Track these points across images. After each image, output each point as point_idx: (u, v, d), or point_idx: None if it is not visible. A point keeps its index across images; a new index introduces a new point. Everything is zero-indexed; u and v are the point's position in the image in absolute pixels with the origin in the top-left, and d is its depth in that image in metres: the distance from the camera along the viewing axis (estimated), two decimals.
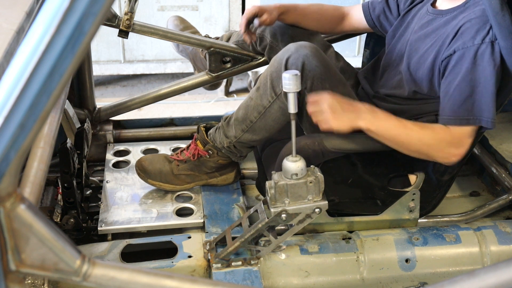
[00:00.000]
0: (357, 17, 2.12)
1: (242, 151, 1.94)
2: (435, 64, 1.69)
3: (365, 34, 2.40)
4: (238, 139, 1.88)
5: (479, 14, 1.64)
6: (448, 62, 1.64)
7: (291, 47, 1.75)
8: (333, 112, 1.58)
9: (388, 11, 2.02)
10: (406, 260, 1.78)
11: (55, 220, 1.82)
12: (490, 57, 1.59)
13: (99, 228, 1.84)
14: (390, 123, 1.63)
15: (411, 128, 1.63)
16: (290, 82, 1.46)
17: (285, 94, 1.48)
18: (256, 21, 2.00)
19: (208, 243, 1.75)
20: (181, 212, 1.97)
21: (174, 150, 2.31)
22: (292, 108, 1.48)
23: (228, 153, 1.94)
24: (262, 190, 1.97)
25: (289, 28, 2.06)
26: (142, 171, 2.01)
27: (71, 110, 2.11)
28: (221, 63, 2.30)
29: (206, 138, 1.95)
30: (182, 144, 2.34)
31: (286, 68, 1.70)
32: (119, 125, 2.46)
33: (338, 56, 2.11)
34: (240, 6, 4.42)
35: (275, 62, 1.76)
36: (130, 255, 1.75)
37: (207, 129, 1.99)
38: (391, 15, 2.01)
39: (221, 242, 1.74)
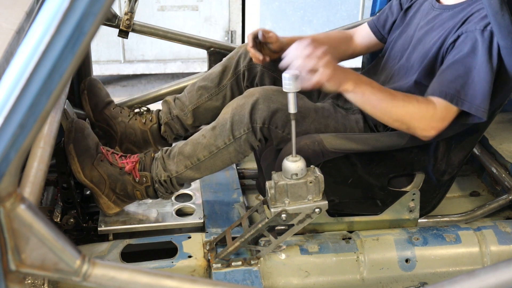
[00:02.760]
0: (365, 33, 2.10)
1: (174, 189, 1.84)
2: (439, 53, 1.69)
3: None
4: (178, 174, 1.79)
5: (487, 4, 1.65)
6: (453, 47, 1.65)
7: (255, 92, 1.72)
8: (327, 67, 1.48)
9: (391, 16, 2.02)
10: (406, 260, 1.78)
11: (55, 220, 1.82)
12: (489, 45, 1.59)
13: (99, 228, 1.84)
14: (375, 88, 1.58)
15: (396, 95, 1.59)
16: (290, 82, 1.47)
17: (285, 94, 1.49)
18: (260, 33, 1.87)
19: (208, 243, 1.75)
20: (181, 212, 1.97)
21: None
22: (292, 108, 1.48)
23: (159, 188, 1.82)
24: (262, 190, 1.96)
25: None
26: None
27: (71, 110, 2.11)
28: None
29: (150, 164, 1.81)
30: None
31: (251, 115, 1.69)
32: None
33: None
34: (240, 6, 4.42)
35: (238, 107, 1.71)
36: (130, 255, 1.75)
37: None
38: (393, 18, 2.02)
39: (221, 242, 1.74)
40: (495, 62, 1.59)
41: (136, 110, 2.06)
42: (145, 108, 2.07)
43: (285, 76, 1.47)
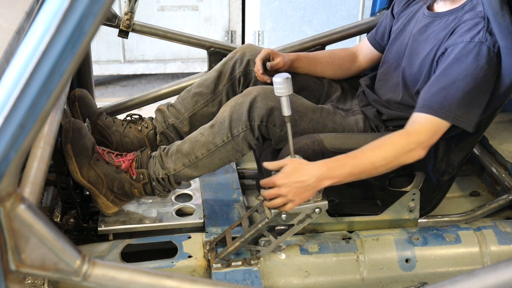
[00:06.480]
0: (366, 49, 2.09)
1: (172, 187, 1.84)
2: (432, 66, 1.69)
3: (364, 35, 2.39)
4: (176, 172, 1.79)
5: (474, 15, 1.64)
6: (440, 60, 1.65)
7: (253, 91, 1.73)
8: (293, 194, 1.53)
9: (388, 25, 2.02)
10: (406, 260, 1.78)
11: (55, 220, 1.81)
12: (476, 57, 1.57)
13: (99, 228, 1.84)
14: (348, 164, 1.56)
15: (370, 153, 1.58)
16: (282, 86, 1.48)
17: (279, 98, 1.50)
18: (268, 64, 1.91)
19: (208, 243, 1.75)
20: (181, 212, 1.97)
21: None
22: (286, 111, 1.49)
23: (156, 186, 1.82)
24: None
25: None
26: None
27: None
28: None
29: (146, 161, 1.83)
30: None
31: (249, 113, 1.70)
32: None
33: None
34: (240, 6, 4.42)
35: (236, 105, 1.73)
36: (130, 255, 1.75)
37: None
38: (390, 27, 2.01)
39: (221, 242, 1.74)
40: (481, 72, 1.57)
41: (128, 119, 2.05)
42: (137, 116, 2.07)
43: (276, 80, 1.48)
